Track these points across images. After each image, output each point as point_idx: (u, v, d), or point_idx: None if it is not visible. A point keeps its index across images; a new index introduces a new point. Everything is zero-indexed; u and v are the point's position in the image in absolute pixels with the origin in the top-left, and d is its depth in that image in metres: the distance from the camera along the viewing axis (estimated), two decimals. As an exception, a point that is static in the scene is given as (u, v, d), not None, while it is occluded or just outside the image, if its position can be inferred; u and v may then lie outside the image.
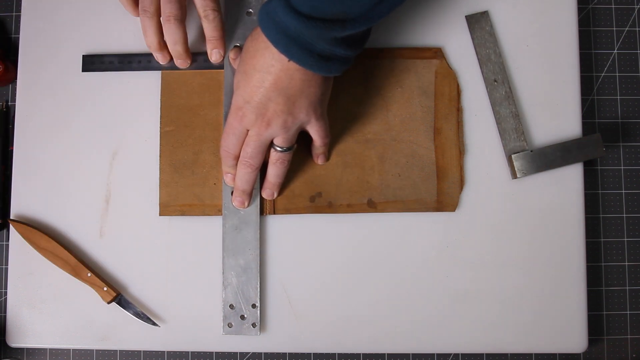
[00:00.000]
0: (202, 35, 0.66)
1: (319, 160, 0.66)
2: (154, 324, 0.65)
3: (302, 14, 0.50)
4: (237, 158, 0.61)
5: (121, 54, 0.68)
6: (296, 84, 0.55)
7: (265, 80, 0.55)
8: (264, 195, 0.65)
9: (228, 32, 0.66)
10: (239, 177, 0.62)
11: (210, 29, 0.63)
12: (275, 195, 0.65)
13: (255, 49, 0.55)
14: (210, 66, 0.67)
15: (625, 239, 0.71)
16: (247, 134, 0.59)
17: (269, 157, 0.62)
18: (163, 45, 0.64)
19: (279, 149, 0.60)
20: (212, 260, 0.67)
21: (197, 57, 0.67)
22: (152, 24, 0.62)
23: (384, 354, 0.70)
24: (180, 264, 0.67)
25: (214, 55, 0.65)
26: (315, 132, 0.61)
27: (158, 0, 0.61)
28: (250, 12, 0.67)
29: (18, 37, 0.70)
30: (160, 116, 0.67)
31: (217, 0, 0.62)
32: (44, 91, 0.69)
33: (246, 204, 0.64)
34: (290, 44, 0.52)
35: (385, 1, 0.51)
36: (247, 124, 0.58)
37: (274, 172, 0.63)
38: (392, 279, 0.67)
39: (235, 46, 0.66)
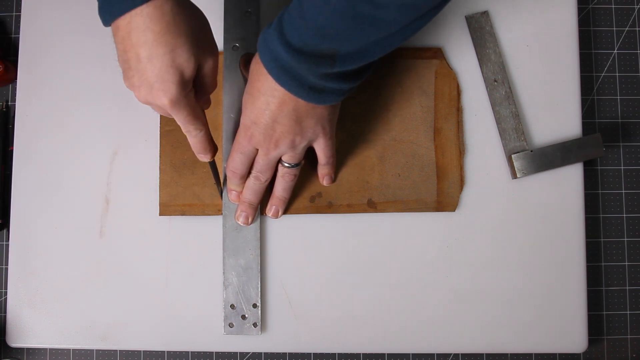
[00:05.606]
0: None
1: (325, 182, 0.66)
2: None
3: (292, 46, 0.50)
4: (243, 177, 0.61)
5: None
6: (302, 105, 0.55)
7: (270, 103, 0.55)
8: (269, 214, 0.65)
9: (227, 32, 0.66)
10: (247, 186, 0.62)
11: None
12: (280, 213, 0.65)
13: (258, 72, 0.55)
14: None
15: (625, 239, 0.71)
16: (255, 152, 0.59)
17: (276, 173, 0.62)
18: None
19: (286, 164, 0.60)
20: (212, 260, 0.67)
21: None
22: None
23: (384, 354, 0.70)
24: (180, 264, 0.67)
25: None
26: (321, 149, 0.61)
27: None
28: (250, 12, 0.67)
29: (18, 37, 0.70)
30: (160, 116, 0.67)
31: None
32: (44, 91, 0.69)
33: (250, 219, 0.64)
34: (282, 74, 0.52)
35: (379, 43, 0.50)
36: (256, 144, 0.58)
37: (281, 186, 0.63)
38: (392, 279, 0.67)
39: (244, 55, 0.65)
